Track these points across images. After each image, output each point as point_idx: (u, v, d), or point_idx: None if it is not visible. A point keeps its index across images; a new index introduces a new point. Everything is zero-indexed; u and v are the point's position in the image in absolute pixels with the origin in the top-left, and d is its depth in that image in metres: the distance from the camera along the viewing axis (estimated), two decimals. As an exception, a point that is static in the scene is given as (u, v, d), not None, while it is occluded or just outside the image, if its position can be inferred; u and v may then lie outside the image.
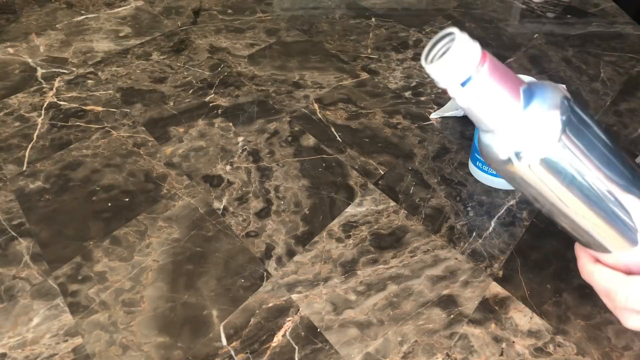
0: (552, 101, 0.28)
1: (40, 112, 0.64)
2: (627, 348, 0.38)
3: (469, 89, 0.27)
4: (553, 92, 0.29)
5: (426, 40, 0.77)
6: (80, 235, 0.48)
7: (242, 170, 0.55)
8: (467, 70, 0.26)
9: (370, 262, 0.45)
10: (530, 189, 0.31)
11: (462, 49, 0.26)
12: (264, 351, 0.39)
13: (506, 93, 0.28)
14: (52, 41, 0.79)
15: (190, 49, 0.76)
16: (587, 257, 0.35)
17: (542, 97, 0.29)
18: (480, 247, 0.46)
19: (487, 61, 0.27)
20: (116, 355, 0.39)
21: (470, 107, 0.28)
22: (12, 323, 0.41)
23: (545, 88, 0.29)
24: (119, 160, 0.56)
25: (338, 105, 0.64)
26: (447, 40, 0.27)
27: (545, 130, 0.28)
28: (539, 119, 0.28)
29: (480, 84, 0.27)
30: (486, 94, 0.27)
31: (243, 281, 0.44)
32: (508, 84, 0.28)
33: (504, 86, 0.28)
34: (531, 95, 0.29)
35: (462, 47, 0.26)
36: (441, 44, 0.27)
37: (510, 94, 0.28)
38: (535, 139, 0.28)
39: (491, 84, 0.27)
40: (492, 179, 0.51)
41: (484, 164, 0.50)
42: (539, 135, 0.28)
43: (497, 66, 0.27)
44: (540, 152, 0.29)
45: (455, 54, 0.26)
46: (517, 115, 0.28)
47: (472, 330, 0.40)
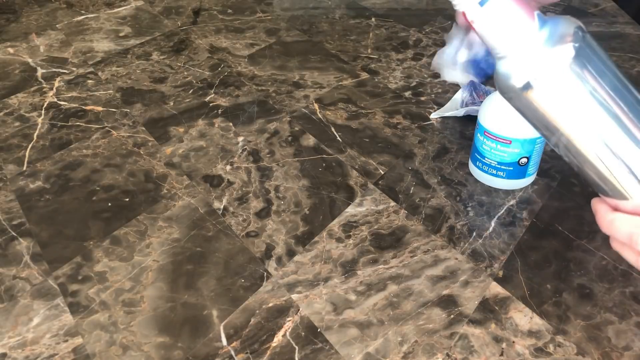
0: (566, 29, 0.29)
1: (41, 112, 0.64)
2: (627, 348, 0.38)
3: (487, 7, 0.28)
4: (567, 21, 0.30)
5: (426, 40, 0.77)
6: (80, 235, 0.48)
7: (242, 170, 0.55)
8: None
9: (371, 262, 0.45)
10: (545, 120, 0.31)
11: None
12: (264, 351, 0.39)
13: (522, 14, 0.29)
14: (52, 41, 0.79)
15: (190, 49, 0.76)
16: (606, 207, 0.33)
17: (556, 23, 0.29)
18: (480, 247, 0.46)
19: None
20: (116, 355, 0.39)
21: (487, 29, 0.29)
22: (12, 323, 0.41)
23: (559, 18, 0.30)
24: (119, 160, 0.56)
25: (338, 105, 0.64)
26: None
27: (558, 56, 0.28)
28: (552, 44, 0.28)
29: (497, 3, 0.28)
30: (503, 14, 0.28)
31: (243, 281, 0.44)
32: (523, 7, 0.29)
33: (520, 8, 0.28)
34: (545, 21, 0.29)
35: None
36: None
37: (526, 16, 0.29)
38: (548, 64, 0.28)
39: (508, 4, 0.28)
40: (492, 179, 0.51)
41: (483, 163, 0.50)
42: (552, 60, 0.28)
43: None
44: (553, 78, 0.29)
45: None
46: (532, 38, 0.29)
47: (472, 330, 0.40)
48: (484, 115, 0.48)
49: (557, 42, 0.28)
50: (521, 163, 0.48)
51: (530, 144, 0.47)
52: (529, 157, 0.48)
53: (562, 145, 0.32)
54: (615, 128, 0.29)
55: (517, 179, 0.50)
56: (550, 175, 0.53)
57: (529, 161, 0.48)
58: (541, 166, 0.54)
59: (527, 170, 0.49)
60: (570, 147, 0.31)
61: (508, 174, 0.49)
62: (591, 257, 0.45)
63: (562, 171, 0.53)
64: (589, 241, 0.46)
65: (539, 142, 0.47)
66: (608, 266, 0.44)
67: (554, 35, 0.29)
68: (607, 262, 0.44)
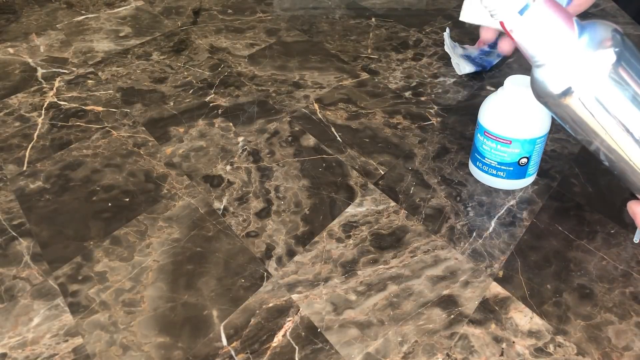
0: (605, 33, 0.29)
1: (41, 112, 0.64)
2: (627, 348, 0.38)
3: (526, 16, 0.28)
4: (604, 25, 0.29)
5: (426, 40, 0.77)
6: (80, 235, 0.48)
7: (242, 170, 0.55)
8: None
9: (371, 262, 0.45)
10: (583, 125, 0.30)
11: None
12: (264, 351, 0.39)
13: (561, 22, 0.28)
14: (52, 41, 0.79)
15: (190, 49, 0.76)
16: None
17: (594, 29, 0.29)
18: (480, 247, 0.46)
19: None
20: (116, 356, 0.39)
21: (526, 38, 0.29)
22: (13, 323, 0.41)
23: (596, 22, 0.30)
24: (119, 160, 0.56)
25: (338, 105, 0.64)
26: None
27: (599, 62, 0.28)
28: (592, 50, 0.28)
29: (537, 11, 0.28)
30: (542, 22, 0.28)
31: (243, 281, 0.44)
32: (562, 14, 0.28)
33: (558, 16, 0.28)
34: (583, 27, 0.29)
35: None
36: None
37: (565, 24, 0.28)
38: (589, 70, 0.28)
39: (547, 12, 0.28)
40: (492, 179, 0.51)
41: (484, 164, 0.50)
42: (593, 66, 0.28)
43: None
44: (595, 84, 0.28)
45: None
46: (572, 46, 0.28)
47: (473, 331, 0.40)
48: (484, 115, 0.48)
49: (598, 47, 0.28)
50: (521, 163, 0.48)
51: (530, 144, 0.47)
52: (529, 157, 0.48)
53: (602, 150, 0.31)
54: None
55: (517, 179, 0.50)
56: (550, 176, 0.53)
57: (529, 161, 0.48)
58: (541, 166, 0.54)
59: (527, 171, 0.49)
60: (610, 152, 0.31)
61: (508, 174, 0.49)
62: (591, 257, 0.45)
63: (562, 171, 0.53)
64: (589, 241, 0.46)
65: (539, 142, 0.47)
66: (608, 266, 0.44)
67: (594, 41, 0.28)
68: (607, 262, 0.44)
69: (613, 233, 0.47)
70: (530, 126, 0.46)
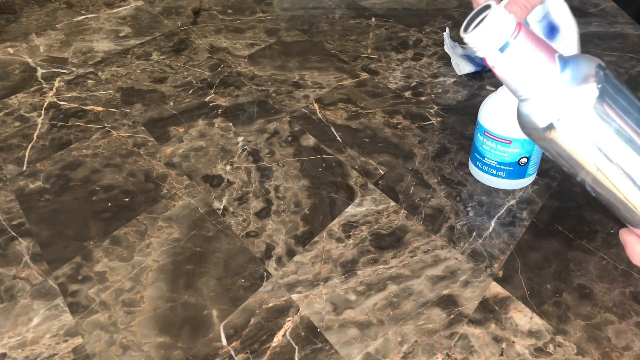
0: (588, 68, 0.29)
1: (40, 112, 0.64)
2: (627, 348, 0.38)
3: (507, 54, 0.29)
4: (587, 60, 0.30)
5: (426, 40, 0.77)
6: (80, 235, 0.48)
7: (242, 170, 0.55)
8: (504, 36, 0.28)
9: (370, 262, 0.45)
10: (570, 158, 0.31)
11: (498, 17, 0.28)
12: (264, 351, 0.39)
13: (542, 58, 0.29)
14: (52, 41, 0.79)
15: (190, 49, 0.76)
16: (636, 239, 0.33)
17: (577, 64, 0.29)
18: (480, 247, 0.46)
19: (522, 29, 0.28)
20: (116, 356, 0.39)
21: (508, 74, 0.30)
22: (12, 323, 0.41)
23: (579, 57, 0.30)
24: (119, 160, 0.56)
25: (338, 105, 0.64)
26: (484, 12, 0.29)
27: (581, 97, 0.28)
28: (575, 85, 0.29)
29: (517, 48, 0.29)
30: (523, 59, 0.29)
31: (243, 281, 0.44)
32: (543, 50, 0.29)
33: (539, 52, 0.29)
34: (566, 63, 0.29)
35: (498, 15, 0.28)
36: (479, 17, 0.29)
37: (546, 59, 0.29)
38: (571, 106, 0.29)
39: (528, 49, 0.29)
40: (492, 179, 0.51)
41: (483, 163, 0.50)
42: (575, 102, 0.28)
43: (532, 34, 0.29)
44: (577, 119, 0.29)
45: (492, 21, 0.28)
46: (554, 81, 0.29)
47: (472, 330, 0.40)
48: (484, 115, 0.48)
49: (580, 83, 0.28)
50: (521, 163, 0.48)
51: (530, 144, 0.47)
52: (528, 157, 0.48)
53: (588, 181, 0.32)
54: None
55: (517, 179, 0.50)
56: (550, 175, 0.53)
57: (529, 161, 0.48)
58: (541, 166, 0.54)
59: (527, 170, 0.49)
60: (596, 184, 0.31)
61: (508, 174, 0.49)
62: (591, 257, 0.45)
63: (562, 171, 0.53)
64: (589, 241, 0.46)
65: None
66: (608, 266, 0.44)
67: (576, 77, 0.29)
68: (607, 262, 0.44)
69: (613, 233, 0.47)
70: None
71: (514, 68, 0.29)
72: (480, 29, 0.28)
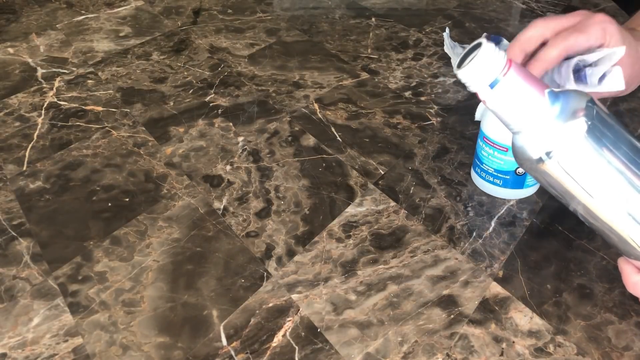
0: (577, 103, 0.30)
1: (41, 112, 0.64)
2: (627, 348, 0.38)
3: (497, 90, 0.30)
4: (578, 95, 0.31)
5: (426, 40, 0.77)
6: (80, 235, 0.48)
7: (242, 170, 0.55)
8: (494, 73, 0.29)
9: (371, 262, 0.45)
10: (562, 190, 0.32)
11: (488, 54, 0.29)
12: (264, 351, 0.39)
13: (531, 94, 0.30)
14: (52, 41, 0.79)
15: (190, 49, 0.76)
16: (631, 268, 0.34)
17: (567, 99, 0.30)
18: (480, 247, 0.46)
19: (512, 66, 0.30)
20: (116, 356, 0.39)
21: (499, 109, 0.31)
22: (12, 323, 0.41)
23: (570, 92, 0.31)
24: (119, 160, 0.56)
25: (338, 105, 0.64)
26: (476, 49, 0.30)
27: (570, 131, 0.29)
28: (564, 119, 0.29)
29: (506, 85, 0.30)
30: (513, 95, 0.30)
31: (243, 281, 0.44)
32: (533, 86, 0.30)
33: (529, 88, 0.30)
34: (556, 97, 0.30)
35: (488, 53, 0.29)
36: (472, 54, 0.30)
37: (536, 95, 0.30)
38: (562, 139, 0.29)
39: (517, 86, 0.30)
40: (489, 186, 0.50)
41: (482, 170, 0.50)
42: (564, 135, 0.29)
43: (522, 71, 0.30)
44: (566, 153, 0.30)
45: (482, 58, 0.29)
46: (544, 115, 0.30)
47: (472, 331, 0.40)
48: (484, 120, 0.47)
49: (569, 117, 0.29)
50: (518, 172, 0.47)
51: None
52: None
53: (580, 212, 0.33)
54: (632, 196, 0.30)
55: (514, 188, 0.49)
56: (550, 175, 0.53)
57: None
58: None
59: (526, 181, 0.48)
60: (589, 214, 0.32)
61: (505, 182, 0.48)
62: (591, 257, 0.45)
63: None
64: (589, 241, 0.46)
65: None
66: (608, 266, 0.44)
67: (566, 111, 0.30)
68: (607, 262, 0.44)
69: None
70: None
71: (504, 103, 0.30)
72: (470, 66, 0.30)
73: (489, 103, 0.31)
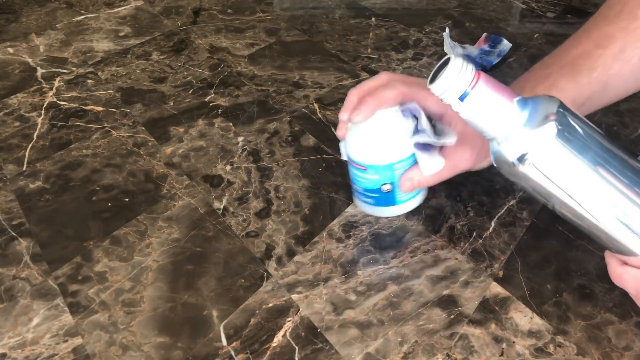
0: (546, 108, 0.31)
1: (40, 112, 0.64)
2: (627, 348, 0.38)
3: (467, 103, 0.32)
4: (546, 100, 0.32)
5: (426, 40, 0.77)
6: (80, 235, 0.48)
7: (242, 170, 0.55)
8: (462, 87, 0.31)
9: (371, 262, 0.45)
10: (541, 190, 0.33)
11: (456, 70, 0.31)
12: (264, 351, 0.39)
13: (500, 103, 0.32)
14: (52, 41, 0.79)
15: (190, 49, 0.76)
16: (616, 261, 0.35)
17: (536, 105, 0.32)
18: (480, 247, 0.46)
19: (480, 79, 0.31)
20: (116, 356, 0.39)
21: (471, 118, 0.33)
22: (12, 323, 0.41)
23: (539, 98, 0.32)
24: (119, 160, 0.56)
25: (338, 105, 0.64)
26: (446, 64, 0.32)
27: (542, 133, 0.31)
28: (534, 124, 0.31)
29: (475, 97, 0.31)
30: (482, 105, 0.32)
31: (243, 281, 0.44)
32: (501, 97, 0.32)
33: (498, 98, 0.32)
34: (525, 104, 0.32)
35: (456, 68, 0.31)
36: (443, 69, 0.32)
37: (505, 103, 0.32)
38: (533, 142, 0.31)
39: (486, 96, 0.31)
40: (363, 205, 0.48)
41: (354, 189, 0.47)
42: (536, 138, 0.31)
43: (490, 82, 0.32)
44: (540, 154, 0.31)
45: (450, 74, 0.31)
46: (514, 122, 0.32)
47: (473, 331, 0.40)
48: (347, 141, 0.45)
49: (540, 121, 0.31)
50: (384, 189, 0.44)
51: (387, 170, 0.43)
52: (391, 184, 0.44)
53: (562, 211, 0.34)
54: (607, 192, 0.31)
55: (387, 205, 0.46)
56: (550, 175, 0.53)
57: (394, 188, 0.44)
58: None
59: (396, 198, 0.45)
60: (570, 213, 0.33)
61: (376, 200, 0.46)
62: (591, 257, 0.45)
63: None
64: (589, 241, 0.46)
65: (397, 167, 0.43)
66: (608, 266, 0.44)
67: (536, 116, 0.31)
68: (607, 262, 0.44)
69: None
70: (383, 151, 0.42)
71: (475, 113, 0.32)
72: (440, 82, 0.32)
73: (461, 113, 0.33)
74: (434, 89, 0.32)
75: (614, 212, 0.32)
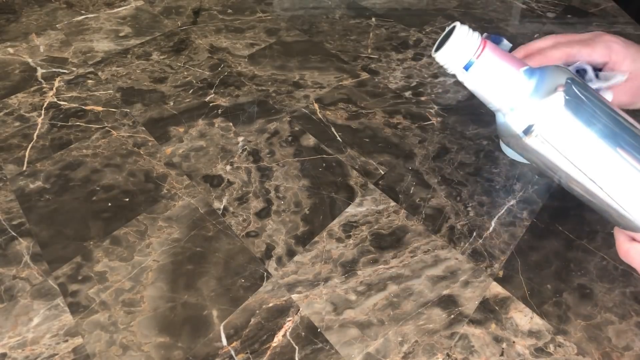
0: (554, 78, 0.30)
1: (40, 112, 0.64)
2: (627, 348, 0.38)
3: (472, 72, 0.30)
4: (555, 70, 0.31)
5: (426, 40, 0.77)
6: (80, 235, 0.48)
7: (242, 170, 0.55)
8: (467, 55, 0.30)
9: (371, 262, 0.45)
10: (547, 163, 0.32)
11: (461, 37, 0.30)
12: (264, 351, 0.39)
13: (507, 73, 0.30)
14: (52, 41, 0.79)
15: (190, 49, 0.76)
16: (624, 237, 0.35)
17: (543, 75, 0.30)
18: (480, 247, 0.46)
19: (486, 47, 0.30)
20: (116, 356, 0.39)
21: (477, 88, 0.31)
22: (12, 323, 0.41)
23: (547, 68, 0.31)
24: (119, 160, 0.56)
25: (338, 105, 0.64)
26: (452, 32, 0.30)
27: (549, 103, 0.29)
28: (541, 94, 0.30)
29: (481, 66, 0.30)
30: (488, 75, 0.30)
31: (243, 281, 0.44)
32: (508, 66, 0.30)
33: (504, 67, 0.30)
34: (533, 74, 0.30)
35: (461, 36, 0.30)
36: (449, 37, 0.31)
37: (512, 73, 0.30)
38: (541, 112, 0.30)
39: (492, 66, 0.30)
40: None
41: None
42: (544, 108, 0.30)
43: (496, 51, 0.30)
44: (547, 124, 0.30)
45: (455, 42, 0.30)
46: (521, 92, 0.30)
47: (473, 331, 0.40)
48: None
49: (548, 92, 0.30)
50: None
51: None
52: None
53: (569, 185, 0.33)
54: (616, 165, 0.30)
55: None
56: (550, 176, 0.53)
57: None
58: (541, 166, 0.54)
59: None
60: (578, 186, 0.32)
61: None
62: (591, 257, 0.45)
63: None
64: (589, 241, 0.46)
65: None
66: (608, 266, 0.44)
67: (542, 86, 0.30)
68: (607, 262, 0.44)
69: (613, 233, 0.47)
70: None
71: (480, 83, 0.31)
72: (443, 50, 0.30)
73: (466, 83, 0.31)
74: (438, 57, 0.31)
75: (623, 185, 0.31)
